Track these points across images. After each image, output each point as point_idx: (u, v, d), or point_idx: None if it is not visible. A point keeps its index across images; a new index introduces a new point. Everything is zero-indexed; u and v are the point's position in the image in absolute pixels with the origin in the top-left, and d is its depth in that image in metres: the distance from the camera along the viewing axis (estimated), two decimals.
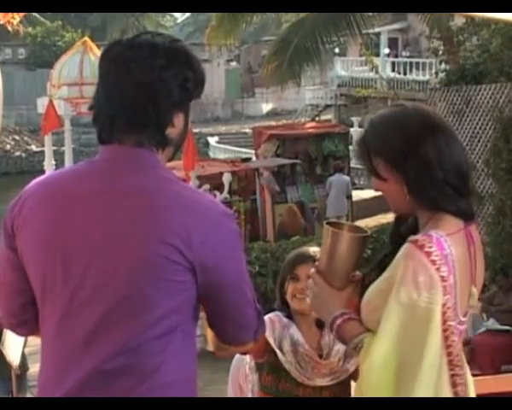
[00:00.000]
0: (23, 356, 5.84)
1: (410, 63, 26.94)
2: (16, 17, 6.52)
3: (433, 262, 2.07)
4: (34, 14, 42.08)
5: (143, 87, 2.01)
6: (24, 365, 6.13)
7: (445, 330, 2.10)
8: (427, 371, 2.08)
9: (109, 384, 1.98)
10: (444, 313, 2.09)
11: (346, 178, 15.26)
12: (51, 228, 2.03)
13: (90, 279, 1.98)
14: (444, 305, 2.08)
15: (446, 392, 2.14)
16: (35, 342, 6.69)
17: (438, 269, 2.07)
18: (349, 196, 14.72)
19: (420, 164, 2.14)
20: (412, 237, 2.10)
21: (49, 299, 2.07)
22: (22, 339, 5.50)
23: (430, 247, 2.08)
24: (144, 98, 2.01)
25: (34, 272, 2.08)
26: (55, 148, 14.59)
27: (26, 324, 2.18)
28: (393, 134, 2.19)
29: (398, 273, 2.08)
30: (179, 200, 1.98)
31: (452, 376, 2.16)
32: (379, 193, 2.35)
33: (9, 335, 5.57)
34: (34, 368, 6.95)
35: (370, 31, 17.59)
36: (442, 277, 2.07)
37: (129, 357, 1.97)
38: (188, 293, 1.98)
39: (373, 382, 2.11)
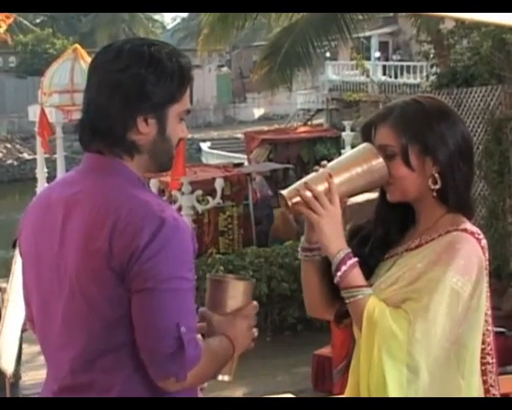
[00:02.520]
0: (17, 365, 5.82)
1: (401, 67, 26.98)
2: (3, 25, 6.41)
3: (483, 249, 2.13)
4: (25, 21, 42.07)
5: (104, 91, 1.99)
6: (16, 374, 6.11)
7: (484, 317, 2.16)
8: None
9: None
10: (486, 301, 2.16)
11: None
12: (31, 237, 2.08)
13: (54, 292, 2.00)
14: (486, 292, 2.15)
15: (476, 380, 2.14)
16: (28, 350, 6.66)
17: (485, 255, 2.13)
18: None
19: (464, 165, 2.15)
20: (458, 227, 2.12)
21: (34, 307, 2.12)
22: (16, 347, 5.49)
23: (479, 234, 2.13)
24: (103, 102, 1.99)
25: (24, 280, 2.13)
26: (47, 155, 14.56)
27: None
28: (447, 130, 2.15)
29: (443, 258, 2.06)
30: (116, 208, 1.92)
31: (483, 364, 2.18)
32: (372, 196, 2.33)
33: (2, 343, 5.55)
34: (27, 376, 6.93)
35: (361, 34, 17.60)
36: (486, 264, 2.14)
37: (82, 375, 1.97)
38: (124, 307, 1.92)
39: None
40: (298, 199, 2.14)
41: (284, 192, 2.17)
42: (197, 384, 2.06)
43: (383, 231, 2.25)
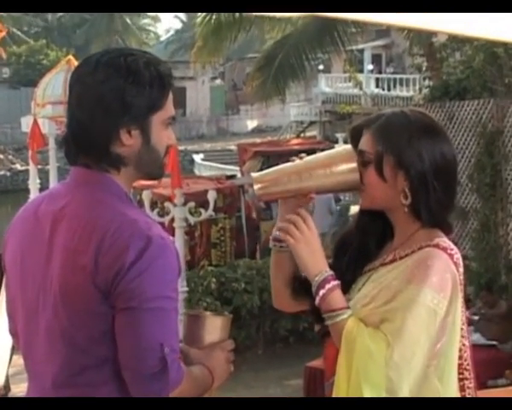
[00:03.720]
0: (6, 377, 5.79)
1: (394, 79, 27.04)
2: None
3: (456, 264, 2.08)
4: (18, 32, 42.09)
5: (85, 105, 1.97)
6: (6, 386, 6.08)
7: (460, 332, 2.12)
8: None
9: None
10: (461, 315, 2.11)
11: (329, 194, 15.29)
12: (17, 250, 2.05)
13: (39, 305, 1.98)
14: (462, 307, 2.10)
15: (455, 394, 2.12)
16: (19, 362, 6.65)
17: (458, 271, 2.08)
18: (333, 213, 14.70)
19: (439, 185, 2.11)
20: (431, 243, 2.09)
21: (18, 320, 2.10)
22: (7, 359, 5.47)
23: (452, 249, 2.09)
24: (84, 116, 1.96)
25: (8, 292, 2.12)
26: (39, 166, 14.53)
27: None
28: (426, 147, 2.12)
29: (416, 276, 2.03)
30: (103, 226, 1.90)
31: (461, 380, 2.15)
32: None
33: None
34: (18, 388, 6.89)
35: (354, 47, 17.69)
36: (460, 279, 2.09)
37: (65, 389, 1.95)
38: (108, 323, 1.90)
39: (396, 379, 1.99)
40: (262, 185, 2.18)
41: (255, 175, 2.20)
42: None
43: (360, 243, 2.24)
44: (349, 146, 2.23)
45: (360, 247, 2.23)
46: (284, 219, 2.18)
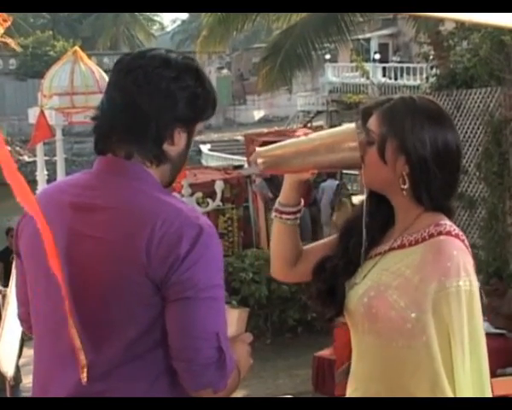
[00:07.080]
0: (17, 368, 5.81)
1: (401, 68, 26.99)
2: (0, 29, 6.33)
3: (468, 250, 2.12)
4: (24, 24, 42.10)
5: (148, 96, 1.96)
6: (17, 377, 6.11)
7: None
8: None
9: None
10: None
11: (338, 183, 15.30)
12: (35, 237, 1.97)
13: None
14: None
15: None
16: (29, 353, 6.70)
17: (471, 256, 2.12)
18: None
19: (440, 172, 2.13)
20: (443, 230, 2.10)
21: (36, 309, 2.07)
22: (16, 349, 5.49)
23: (462, 234, 2.12)
24: (147, 107, 1.95)
25: (28, 279, 2.08)
26: (47, 158, 14.60)
27: None
28: (429, 135, 2.13)
29: (440, 267, 2.05)
30: (150, 217, 1.88)
31: None
32: None
33: (3, 345, 5.55)
34: (27, 379, 6.92)
35: (361, 36, 17.63)
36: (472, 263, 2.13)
37: (98, 383, 1.91)
38: (157, 313, 1.88)
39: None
40: (266, 160, 2.25)
41: (259, 150, 2.28)
42: (225, 396, 2.00)
43: (366, 227, 2.25)
44: (352, 125, 2.25)
45: (366, 230, 2.25)
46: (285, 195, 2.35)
